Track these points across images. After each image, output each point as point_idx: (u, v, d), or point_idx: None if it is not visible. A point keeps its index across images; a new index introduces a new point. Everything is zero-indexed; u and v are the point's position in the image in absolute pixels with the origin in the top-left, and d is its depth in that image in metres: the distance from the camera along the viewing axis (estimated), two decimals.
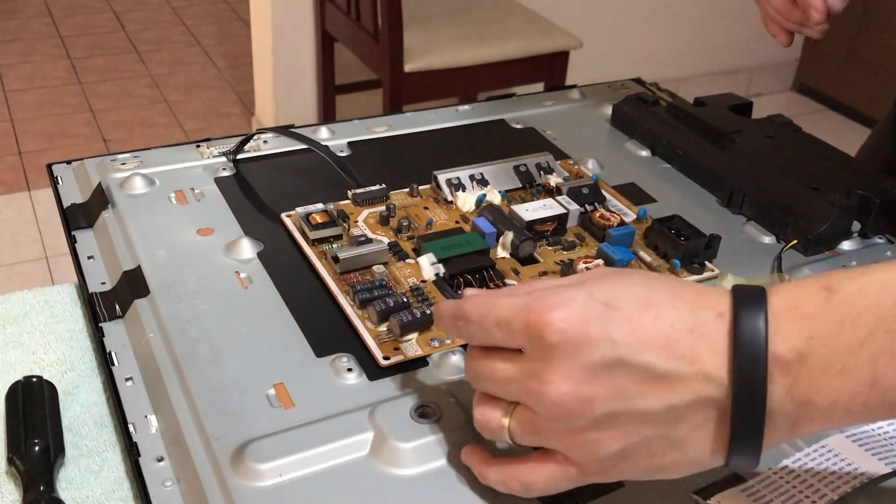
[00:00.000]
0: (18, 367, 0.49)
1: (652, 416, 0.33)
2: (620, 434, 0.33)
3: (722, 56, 2.59)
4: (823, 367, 0.31)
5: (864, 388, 0.31)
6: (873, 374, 0.31)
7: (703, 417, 0.33)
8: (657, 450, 0.34)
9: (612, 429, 0.33)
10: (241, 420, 0.41)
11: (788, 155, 0.63)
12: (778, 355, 0.31)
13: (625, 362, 0.32)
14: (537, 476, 0.36)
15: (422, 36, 1.80)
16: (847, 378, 0.31)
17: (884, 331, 0.31)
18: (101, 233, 0.56)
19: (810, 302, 0.32)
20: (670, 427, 0.33)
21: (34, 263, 1.86)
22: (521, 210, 0.56)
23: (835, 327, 0.31)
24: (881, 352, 0.31)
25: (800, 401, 0.32)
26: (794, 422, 0.32)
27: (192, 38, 2.97)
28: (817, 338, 0.31)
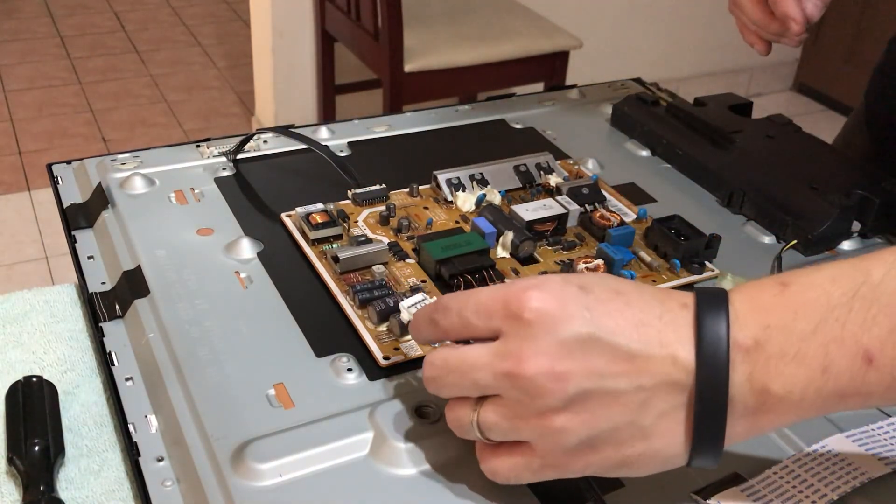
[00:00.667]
0: (18, 367, 0.49)
1: (622, 398, 0.34)
2: (590, 418, 0.34)
3: (722, 56, 2.59)
4: (779, 354, 0.33)
5: (817, 374, 0.33)
6: (825, 360, 0.33)
7: (669, 405, 0.34)
8: (624, 438, 0.34)
9: (583, 412, 0.34)
10: (241, 420, 0.41)
11: (788, 155, 0.63)
12: (738, 342, 0.33)
13: (598, 339, 0.33)
14: (501, 464, 0.36)
15: (422, 36, 1.80)
16: (801, 365, 0.33)
17: (833, 319, 0.33)
18: (101, 233, 0.56)
19: (766, 295, 0.34)
20: (638, 412, 0.34)
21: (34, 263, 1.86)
22: (521, 210, 0.56)
23: (788, 317, 0.33)
24: (831, 339, 0.32)
25: (758, 388, 0.33)
26: (754, 411, 0.34)
27: (192, 38, 2.97)
28: (773, 326, 0.33)
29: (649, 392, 0.34)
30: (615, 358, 0.33)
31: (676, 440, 0.34)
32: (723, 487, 0.39)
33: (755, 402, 0.33)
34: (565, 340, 0.33)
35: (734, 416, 0.33)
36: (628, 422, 0.34)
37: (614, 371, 0.33)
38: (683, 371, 0.33)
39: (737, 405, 0.33)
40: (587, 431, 0.34)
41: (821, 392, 0.33)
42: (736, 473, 0.40)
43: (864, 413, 0.44)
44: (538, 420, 0.34)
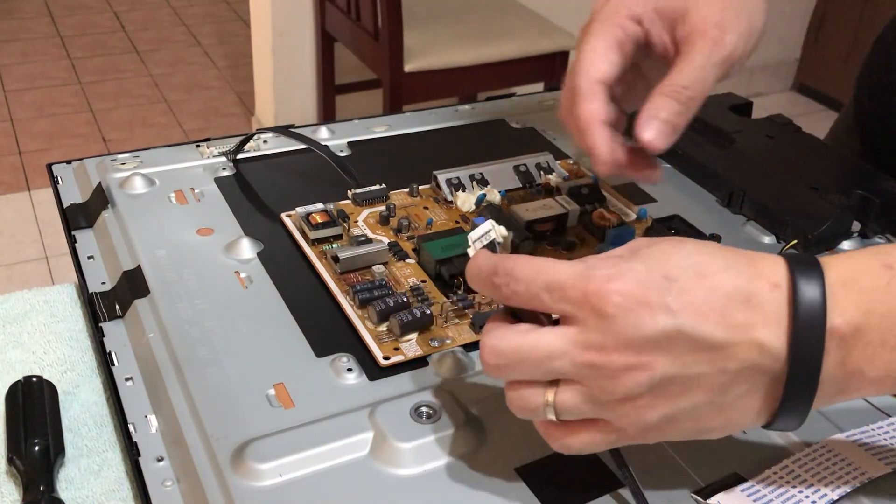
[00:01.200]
0: (18, 367, 0.49)
1: (704, 383, 0.33)
2: (672, 400, 0.33)
3: None
4: (880, 342, 0.32)
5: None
6: None
7: (751, 385, 0.33)
8: (703, 415, 0.34)
9: (665, 395, 0.33)
10: (241, 420, 0.41)
11: (788, 155, 0.63)
12: (834, 328, 0.32)
13: (683, 332, 0.32)
14: (575, 440, 0.35)
15: (422, 36, 1.80)
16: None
17: None
18: (101, 233, 0.56)
19: (869, 278, 0.33)
20: (718, 393, 0.33)
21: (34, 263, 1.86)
22: (521, 210, 0.56)
23: (893, 302, 0.32)
24: None
25: (852, 371, 0.33)
26: (842, 389, 0.33)
27: (192, 38, 2.97)
28: (875, 313, 0.32)
29: (732, 375, 0.33)
30: (700, 348, 0.33)
31: (753, 413, 0.34)
32: (723, 487, 0.39)
33: (845, 384, 0.33)
34: (650, 335, 0.32)
35: (821, 393, 0.33)
36: (708, 401, 0.34)
37: (698, 359, 0.33)
38: (770, 358, 0.33)
39: (825, 385, 0.33)
40: (669, 410, 0.34)
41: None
42: (736, 473, 0.40)
43: (865, 413, 0.44)
44: (619, 403, 0.33)
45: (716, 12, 0.44)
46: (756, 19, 0.46)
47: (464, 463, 0.40)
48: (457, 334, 0.47)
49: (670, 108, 0.42)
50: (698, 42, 0.43)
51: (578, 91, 0.44)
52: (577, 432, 0.35)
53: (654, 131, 0.42)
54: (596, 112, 0.43)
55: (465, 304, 0.49)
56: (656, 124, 0.42)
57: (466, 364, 0.45)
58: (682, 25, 0.44)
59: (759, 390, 0.34)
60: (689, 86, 0.43)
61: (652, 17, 0.44)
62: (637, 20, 0.44)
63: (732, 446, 0.42)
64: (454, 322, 0.48)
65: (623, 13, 0.44)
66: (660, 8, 0.44)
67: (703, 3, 0.44)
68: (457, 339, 0.47)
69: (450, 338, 0.47)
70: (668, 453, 0.41)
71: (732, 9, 0.44)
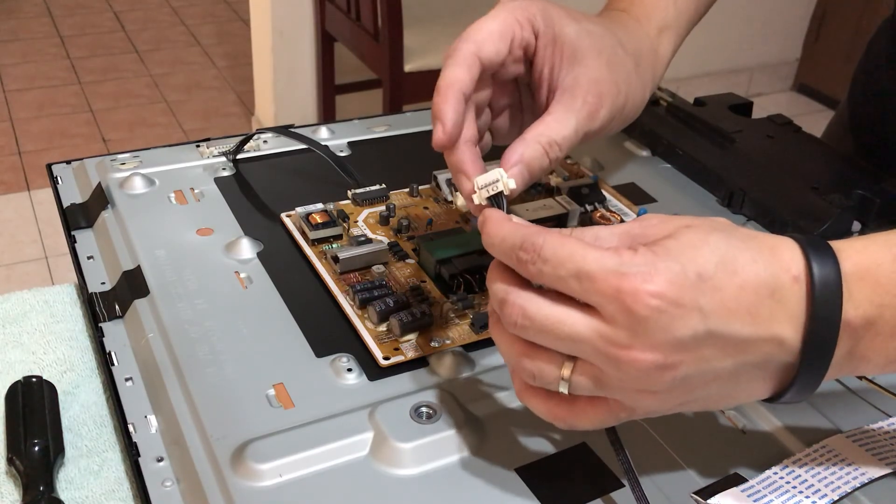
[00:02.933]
0: (18, 367, 0.49)
1: (722, 374, 0.34)
2: (688, 392, 0.34)
3: (722, 56, 2.59)
4: (889, 334, 0.33)
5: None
6: None
7: (764, 373, 0.35)
8: (711, 398, 0.35)
9: (683, 387, 0.34)
10: (241, 420, 0.41)
11: (788, 155, 0.62)
12: (848, 321, 0.33)
13: (713, 333, 0.33)
14: (585, 418, 0.35)
15: (422, 36, 1.80)
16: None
17: None
18: (100, 233, 0.56)
19: (884, 270, 0.34)
20: (732, 382, 0.35)
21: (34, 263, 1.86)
22: (521, 210, 0.56)
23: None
24: None
25: (858, 358, 0.34)
26: (844, 371, 0.35)
27: (191, 38, 2.97)
28: (888, 306, 0.33)
29: (750, 366, 0.34)
30: (726, 346, 0.33)
31: (762, 392, 0.36)
32: (723, 487, 0.39)
33: (849, 367, 0.35)
34: (680, 338, 0.32)
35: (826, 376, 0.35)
36: (722, 390, 0.35)
37: (721, 356, 0.33)
38: (787, 352, 0.34)
39: (831, 371, 0.34)
40: (684, 399, 0.34)
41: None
42: (736, 473, 0.40)
43: (864, 413, 0.44)
44: (636, 393, 0.34)
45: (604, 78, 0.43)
46: (632, 105, 0.46)
47: (464, 463, 0.40)
48: (457, 334, 0.47)
49: (540, 160, 0.41)
50: (578, 102, 0.42)
51: (455, 53, 0.41)
52: (585, 412, 0.35)
53: (520, 178, 0.40)
54: (462, 81, 0.40)
55: (465, 304, 0.49)
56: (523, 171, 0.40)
57: (466, 364, 0.45)
58: (570, 72, 0.43)
59: (769, 377, 0.35)
60: (561, 144, 0.42)
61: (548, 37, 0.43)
62: (534, 31, 0.43)
63: (732, 446, 0.42)
64: (454, 322, 0.48)
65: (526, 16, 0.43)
66: (558, 34, 0.43)
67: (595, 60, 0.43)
68: (457, 339, 0.47)
69: (450, 338, 0.47)
70: (669, 453, 0.41)
71: (618, 83, 0.44)
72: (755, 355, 0.34)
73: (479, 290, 0.50)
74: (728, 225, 0.35)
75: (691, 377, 0.33)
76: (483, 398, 0.43)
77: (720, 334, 0.33)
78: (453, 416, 0.42)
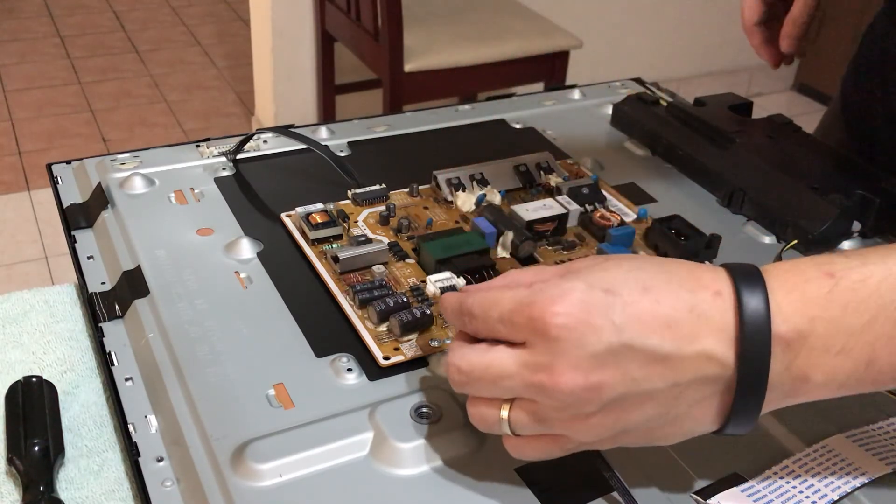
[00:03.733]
0: (18, 367, 0.49)
1: (656, 396, 0.34)
2: (625, 415, 0.34)
3: (722, 56, 2.59)
4: (823, 348, 0.33)
5: (861, 367, 0.33)
6: (871, 355, 0.33)
7: (702, 394, 0.34)
8: (655, 426, 0.35)
9: (618, 409, 0.34)
10: (241, 420, 0.41)
11: (788, 155, 0.62)
12: (779, 334, 0.33)
13: (630, 346, 0.33)
14: (531, 449, 0.37)
15: (422, 36, 1.80)
16: (846, 358, 0.33)
17: (885, 318, 0.33)
18: (100, 233, 0.56)
19: (812, 286, 0.33)
20: (671, 404, 0.34)
21: (34, 263, 1.86)
22: (521, 210, 0.56)
23: (837, 311, 0.33)
24: (880, 336, 0.33)
25: (797, 376, 0.34)
26: (789, 394, 0.34)
27: (192, 38, 2.97)
28: (819, 319, 0.33)
29: (683, 387, 0.34)
30: (648, 361, 0.33)
31: (707, 420, 0.35)
32: (723, 487, 0.39)
33: (791, 388, 0.34)
34: (596, 352, 0.33)
35: (769, 397, 0.34)
36: (660, 414, 0.34)
37: (648, 374, 0.33)
38: (719, 366, 0.33)
39: (774, 389, 0.34)
40: (622, 425, 0.34)
41: (862, 381, 0.34)
42: (736, 473, 0.40)
43: (864, 413, 0.44)
44: (571, 421, 0.34)
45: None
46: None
47: (464, 463, 0.40)
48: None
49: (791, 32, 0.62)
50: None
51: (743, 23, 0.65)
52: (532, 444, 0.36)
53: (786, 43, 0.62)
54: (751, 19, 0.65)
55: None
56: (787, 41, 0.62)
57: None
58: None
59: (710, 398, 0.34)
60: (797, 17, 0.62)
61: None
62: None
63: (732, 446, 0.42)
64: None
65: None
66: None
67: None
68: None
69: (450, 338, 0.47)
70: (669, 453, 0.41)
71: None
72: (685, 373, 0.33)
73: None
74: (655, 258, 0.36)
75: (622, 398, 0.33)
76: None
77: (639, 348, 0.33)
78: (453, 416, 0.42)
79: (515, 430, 0.36)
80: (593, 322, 0.33)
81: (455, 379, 0.36)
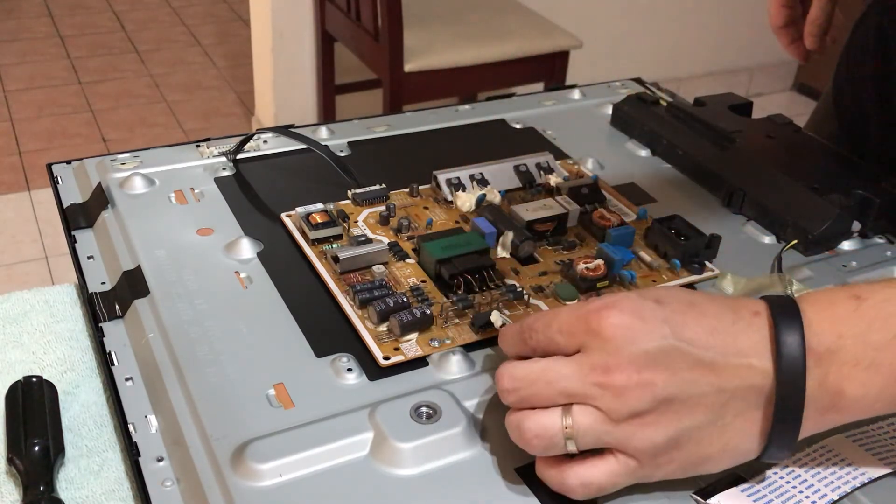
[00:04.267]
0: (18, 367, 0.49)
1: (704, 400, 0.36)
2: (676, 418, 0.36)
3: (722, 56, 2.59)
4: (853, 362, 0.35)
5: (891, 381, 0.35)
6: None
7: (746, 405, 0.36)
8: (704, 437, 0.36)
9: (670, 412, 0.35)
10: (241, 420, 0.41)
11: (788, 155, 0.62)
12: (811, 348, 0.35)
13: (678, 349, 0.35)
14: (597, 472, 0.37)
15: (422, 36, 1.80)
16: (876, 372, 0.35)
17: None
18: (100, 233, 0.56)
19: (840, 307, 0.36)
20: (719, 412, 0.36)
21: (34, 263, 1.86)
22: (521, 210, 0.56)
23: (863, 327, 0.35)
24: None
25: (833, 390, 0.35)
26: (825, 410, 0.36)
27: (192, 38, 2.97)
28: (847, 336, 0.35)
29: (729, 394, 0.36)
30: (695, 366, 0.35)
31: (751, 435, 0.36)
32: (723, 487, 0.39)
33: (828, 403, 0.36)
34: (648, 351, 0.35)
35: (806, 416, 0.35)
36: (710, 422, 0.36)
37: (696, 377, 0.35)
38: (760, 376, 0.35)
39: (810, 406, 0.35)
40: (674, 430, 0.36)
41: (894, 396, 0.35)
42: (736, 473, 0.40)
43: None
44: (629, 422, 0.36)
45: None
46: None
47: (464, 463, 0.40)
48: (457, 334, 0.47)
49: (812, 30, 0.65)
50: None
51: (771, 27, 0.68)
52: (595, 464, 0.37)
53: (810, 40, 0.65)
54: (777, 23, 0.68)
55: (465, 304, 0.49)
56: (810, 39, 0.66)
57: (467, 364, 0.45)
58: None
59: (753, 410, 0.36)
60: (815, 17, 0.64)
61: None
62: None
63: None
64: (454, 322, 0.48)
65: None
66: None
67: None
68: (457, 340, 0.47)
69: (450, 338, 0.47)
70: None
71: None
72: (731, 380, 0.35)
73: (479, 290, 0.50)
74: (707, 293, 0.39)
75: (672, 398, 0.35)
76: (483, 398, 0.43)
77: (686, 352, 0.35)
78: (453, 416, 0.42)
79: (577, 436, 0.36)
80: (645, 323, 0.36)
81: (507, 387, 0.38)
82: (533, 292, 0.51)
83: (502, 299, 0.50)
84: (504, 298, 0.50)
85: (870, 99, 0.70)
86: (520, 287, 0.51)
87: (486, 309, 0.49)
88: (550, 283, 0.52)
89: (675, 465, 0.37)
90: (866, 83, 0.71)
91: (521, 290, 0.50)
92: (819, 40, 0.66)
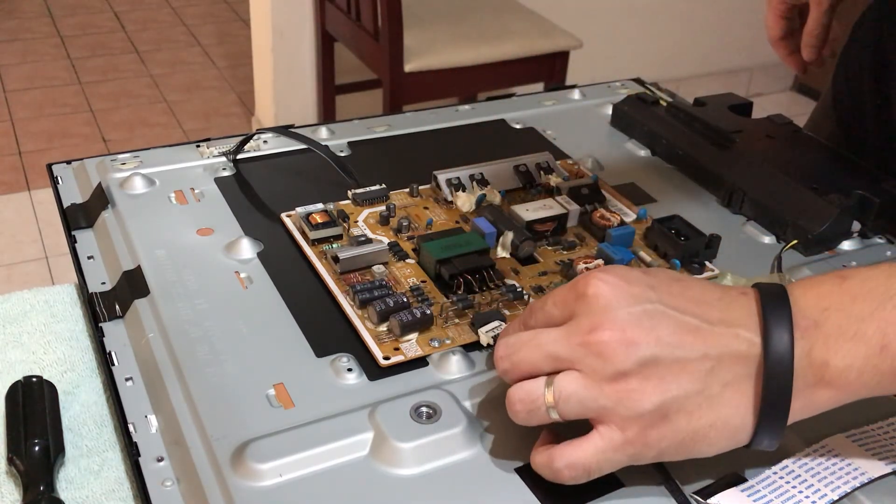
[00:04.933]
0: (18, 367, 0.49)
1: (689, 365, 0.36)
2: (661, 383, 0.36)
3: (722, 56, 2.59)
4: (837, 333, 0.36)
5: (875, 351, 0.35)
6: (883, 339, 0.35)
7: (734, 375, 0.36)
8: (694, 407, 0.36)
9: (654, 376, 0.36)
10: (241, 420, 0.41)
11: (788, 155, 0.63)
12: (797, 322, 0.36)
13: (664, 313, 0.36)
14: (582, 452, 0.37)
15: (422, 36, 1.80)
16: (860, 343, 0.35)
17: (893, 306, 0.35)
18: (101, 233, 0.56)
19: (825, 285, 0.37)
20: (705, 380, 0.36)
21: (34, 263, 1.86)
22: (521, 210, 0.56)
23: (846, 300, 0.36)
24: (890, 322, 0.35)
25: (818, 362, 0.36)
26: (813, 384, 0.36)
27: (192, 38, 2.97)
28: (831, 309, 0.36)
29: (714, 361, 0.36)
30: (680, 329, 0.36)
31: (742, 410, 0.36)
32: (723, 487, 0.39)
33: (815, 377, 0.36)
34: (633, 312, 0.36)
35: (795, 390, 0.36)
36: (697, 390, 0.36)
37: (681, 341, 0.36)
38: (747, 343, 0.36)
39: (798, 380, 0.35)
40: (659, 396, 0.36)
41: (878, 368, 0.35)
42: (736, 473, 0.40)
43: (864, 413, 0.44)
44: (613, 384, 0.36)
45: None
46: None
47: (464, 463, 0.40)
48: (457, 334, 0.47)
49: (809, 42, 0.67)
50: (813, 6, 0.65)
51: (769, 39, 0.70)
52: (582, 443, 0.37)
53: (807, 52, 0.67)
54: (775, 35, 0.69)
55: (465, 304, 0.49)
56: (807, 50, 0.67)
57: (467, 364, 0.45)
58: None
59: (741, 382, 0.36)
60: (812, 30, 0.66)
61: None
62: None
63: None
64: (454, 322, 0.48)
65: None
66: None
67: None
68: (457, 339, 0.47)
69: (450, 338, 0.47)
70: None
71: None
72: (715, 345, 0.36)
73: (479, 290, 0.50)
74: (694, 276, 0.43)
75: (658, 361, 0.35)
76: (483, 398, 0.43)
77: (671, 316, 0.36)
78: (453, 416, 0.42)
79: (560, 402, 0.36)
80: (631, 287, 0.37)
81: (500, 353, 0.39)
82: (533, 292, 0.51)
83: (502, 299, 0.50)
84: (504, 298, 0.50)
85: (868, 99, 0.70)
86: (520, 287, 0.51)
87: (487, 309, 0.49)
88: (550, 283, 0.52)
89: (666, 442, 0.36)
90: (865, 84, 0.71)
91: (521, 290, 0.50)
92: (816, 52, 0.67)
